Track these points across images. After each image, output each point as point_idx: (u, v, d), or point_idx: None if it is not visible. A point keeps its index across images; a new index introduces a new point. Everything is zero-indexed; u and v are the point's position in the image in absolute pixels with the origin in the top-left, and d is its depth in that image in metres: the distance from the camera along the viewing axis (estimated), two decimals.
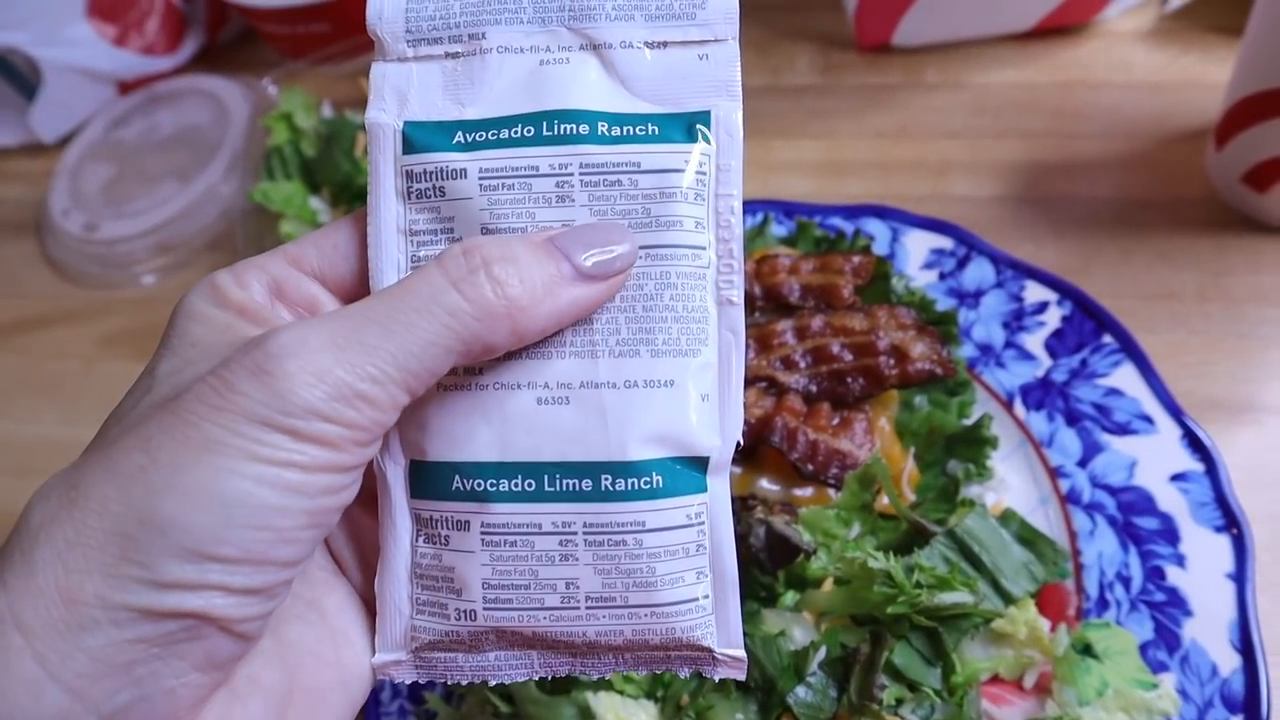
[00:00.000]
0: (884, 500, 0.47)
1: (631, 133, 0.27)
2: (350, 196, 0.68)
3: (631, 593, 0.27)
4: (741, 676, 0.28)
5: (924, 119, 0.68)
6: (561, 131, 0.27)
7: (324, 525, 0.24)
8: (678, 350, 0.27)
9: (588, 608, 0.27)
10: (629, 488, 0.26)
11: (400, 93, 0.28)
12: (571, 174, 0.27)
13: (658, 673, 0.28)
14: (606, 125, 0.27)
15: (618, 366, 0.27)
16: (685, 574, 0.27)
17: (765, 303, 0.52)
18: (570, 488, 0.27)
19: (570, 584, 0.27)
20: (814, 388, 0.49)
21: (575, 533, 0.27)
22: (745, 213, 0.61)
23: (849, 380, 0.49)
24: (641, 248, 0.27)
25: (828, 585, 0.45)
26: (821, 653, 0.42)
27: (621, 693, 0.43)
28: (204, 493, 0.22)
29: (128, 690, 0.22)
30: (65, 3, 0.78)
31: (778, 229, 0.60)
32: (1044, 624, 0.43)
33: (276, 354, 0.23)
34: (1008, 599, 0.44)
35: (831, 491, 0.47)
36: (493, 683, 0.28)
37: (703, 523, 0.27)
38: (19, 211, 0.81)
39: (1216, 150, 0.59)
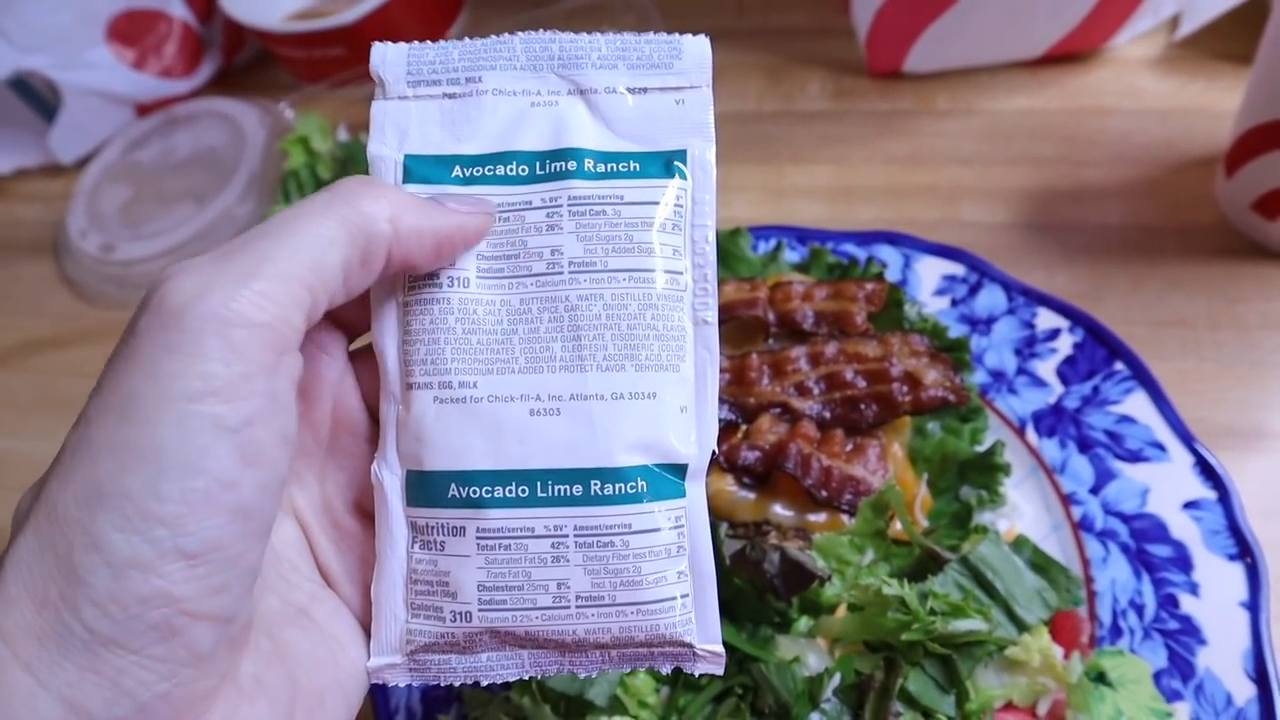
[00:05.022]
0: (897, 527, 0.47)
1: (615, 169, 0.30)
2: None
3: (619, 591, 0.28)
4: (720, 671, 0.29)
5: (935, 145, 0.69)
6: (552, 169, 0.30)
7: (262, 464, 0.24)
8: (659, 365, 0.29)
9: (578, 607, 0.28)
10: (616, 492, 0.28)
11: (400, 128, 0.30)
12: (561, 205, 0.29)
13: (643, 668, 0.30)
14: (593, 162, 0.30)
15: (605, 380, 0.29)
16: (667, 573, 0.29)
17: (779, 329, 0.52)
18: (562, 493, 0.28)
19: (561, 584, 0.28)
20: (827, 414, 0.50)
21: (567, 535, 0.28)
22: (759, 239, 0.61)
23: (862, 407, 0.49)
24: (625, 270, 0.29)
25: (842, 611, 0.45)
26: (836, 679, 0.43)
27: (635, 717, 0.43)
28: (130, 451, 0.22)
29: (123, 703, 0.22)
30: (85, 27, 0.79)
31: (791, 255, 0.60)
32: (1058, 651, 0.43)
33: (163, 282, 0.24)
34: (1021, 626, 0.44)
35: (845, 518, 0.48)
36: (484, 683, 0.29)
37: (682, 526, 0.29)
38: (37, 232, 0.81)
39: (1227, 178, 0.60)
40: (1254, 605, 0.45)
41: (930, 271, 0.59)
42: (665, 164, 0.30)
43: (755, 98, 0.75)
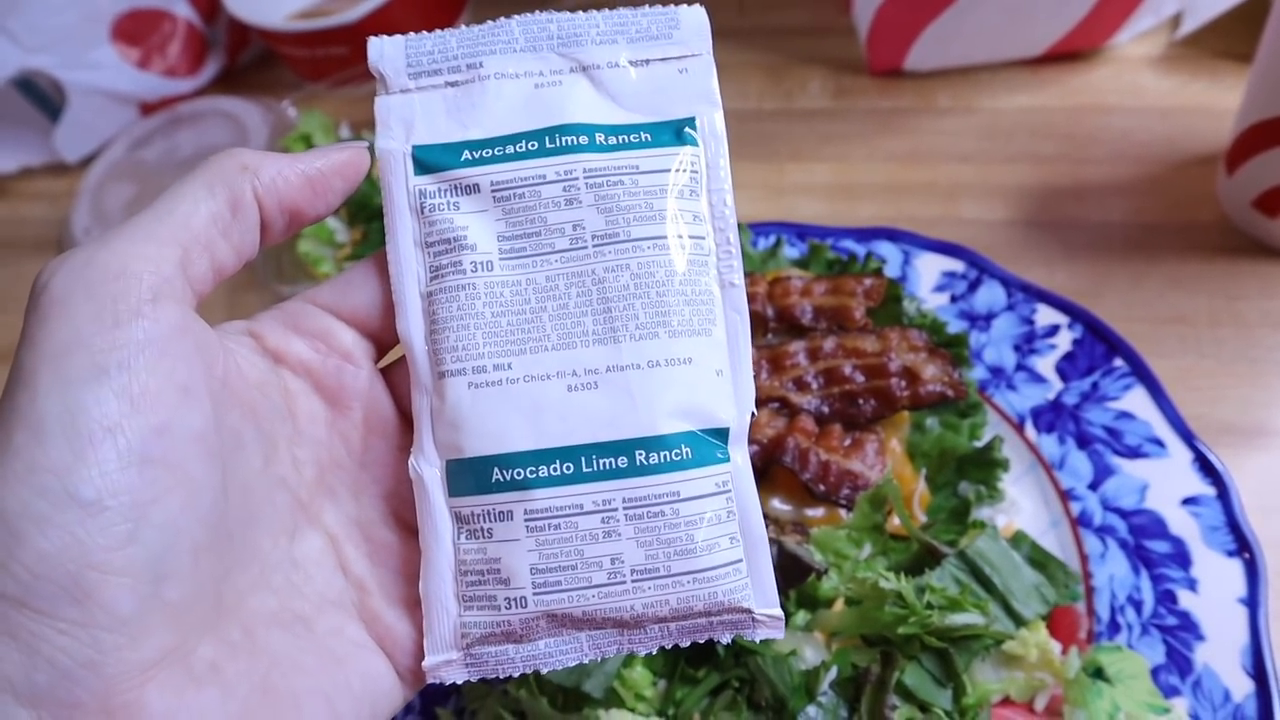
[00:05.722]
0: (895, 521, 0.47)
1: (627, 140, 0.30)
2: (367, 216, 0.69)
3: (674, 561, 0.28)
4: (780, 635, 0.29)
5: (936, 143, 0.69)
6: (563, 143, 0.29)
7: (151, 409, 0.24)
8: (691, 330, 0.29)
9: (633, 580, 0.28)
10: (661, 460, 0.28)
11: (406, 121, 0.30)
12: (577, 179, 0.29)
13: (702, 639, 0.29)
14: (604, 135, 0.30)
15: (639, 349, 0.28)
16: (720, 539, 0.28)
17: (778, 324, 0.52)
18: (607, 466, 0.28)
19: (615, 559, 0.28)
20: (826, 409, 0.50)
21: (616, 509, 0.28)
22: (758, 235, 0.61)
23: (860, 402, 0.49)
24: (648, 239, 0.29)
25: (839, 605, 0.45)
26: (832, 673, 0.42)
27: (633, 710, 0.43)
28: (16, 414, 0.23)
29: (43, 669, 0.22)
30: (90, 26, 0.79)
31: (790, 251, 0.60)
32: (1055, 646, 0.43)
33: (42, 270, 0.24)
34: (1019, 621, 0.44)
35: (843, 512, 0.48)
36: (544, 670, 0.29)
37: (729, 490, 0.29)
38: (42, 230, 0.82)
39: (1228, 175, 0.59)
40: (1252, 601, 0.45)
41: (930, 268, 0.59)
42: (676, 132, 0.30)
43: (756, 96, 0.75)
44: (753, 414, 0.30)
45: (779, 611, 0.29)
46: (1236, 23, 0.68)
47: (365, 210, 0.69)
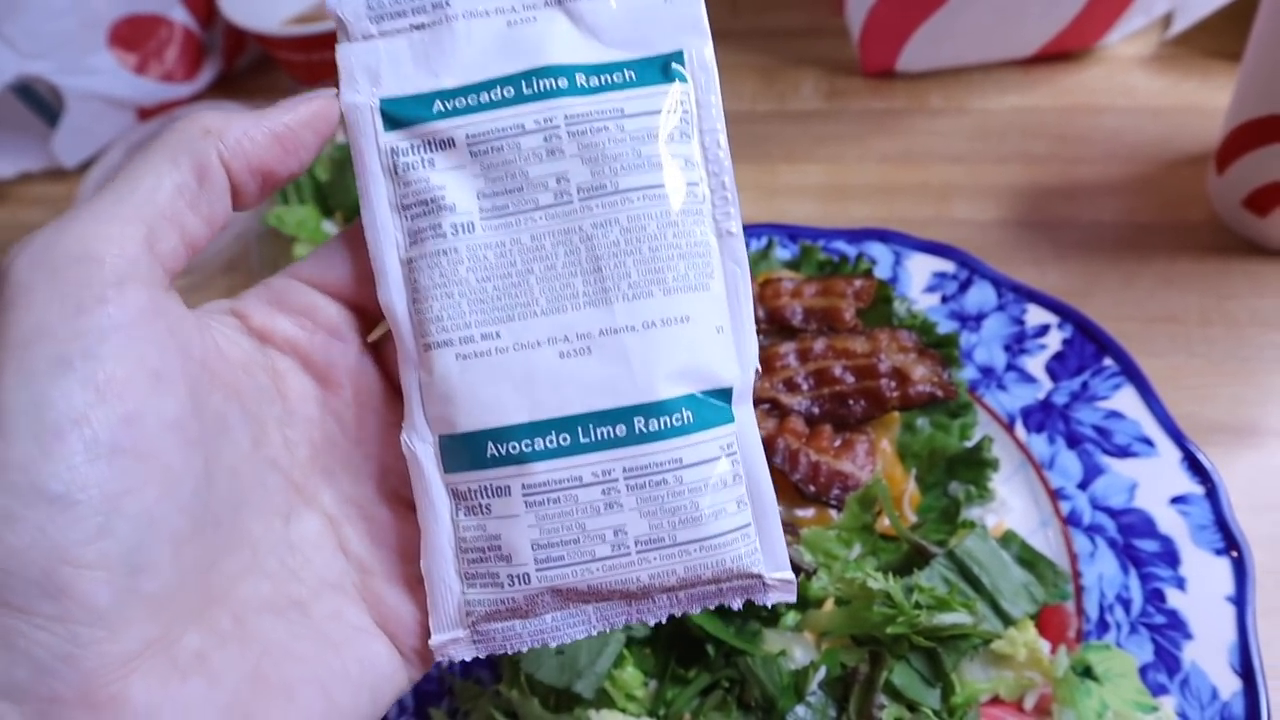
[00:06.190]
0: (885, 521, 0.47)
1: (610, 80, 0.28)
2: (358, 208, 0.69)
3: (679, 530, 0.27)
4: (792, 598, 0.28)
5: (928, 143, 0.69)
6: (541, 87, 0.27)
7: (119, 398, 0.23)
8: (688, 285, 0.27)
9: (639, 552, 0.27)
10: (662, 427, 0.27)
11: (371, 70, 0.28)
12: (558, 126, 0.27)
13: (712, 606, 0.28)
14: (584, 76, 0.28)
15: (633, 309, 0.27)
16: (726, 505, 0.27)
17: (768, 325, 0.53)
18: (605, 435, 0.27)
19: (618, 531, 0.27)
20: (816, 410, 0.50)
21: (616, 479, 0.27)
22: (749, 237, 0.62)
23: (850, 402, 0.49)
24: (637, 189, 0.27)
25: (829, 605, 0.45)
26: (821, 672, 0.43)
27: (623, 710, 0.44)
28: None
29: (22, 664, 0.21)
30: (87, 32, 0.80)
31: (782, 253, 0.60)
32: (1044, 645, 0.43)
33: (4, 256, 0.24)
34: (1007, 620, 0.44)
35: (833, 513, 0.48)
36: (553, 644, 0.28)
37: (735, 453, 0.28)
38: None
39: (1218, 175, 0.60)
40: (1240, 600, 0.45)
41: (921, 268, 0.59)
42: (662, 68, 0.28)
43: (749, 98, 0.75)
44: (757, 371, 0.29)
45: (791, 575, 0.28)
46: (1227, 22, 0.68)
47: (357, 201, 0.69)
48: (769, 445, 0.48)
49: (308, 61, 0.80)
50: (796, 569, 0.45)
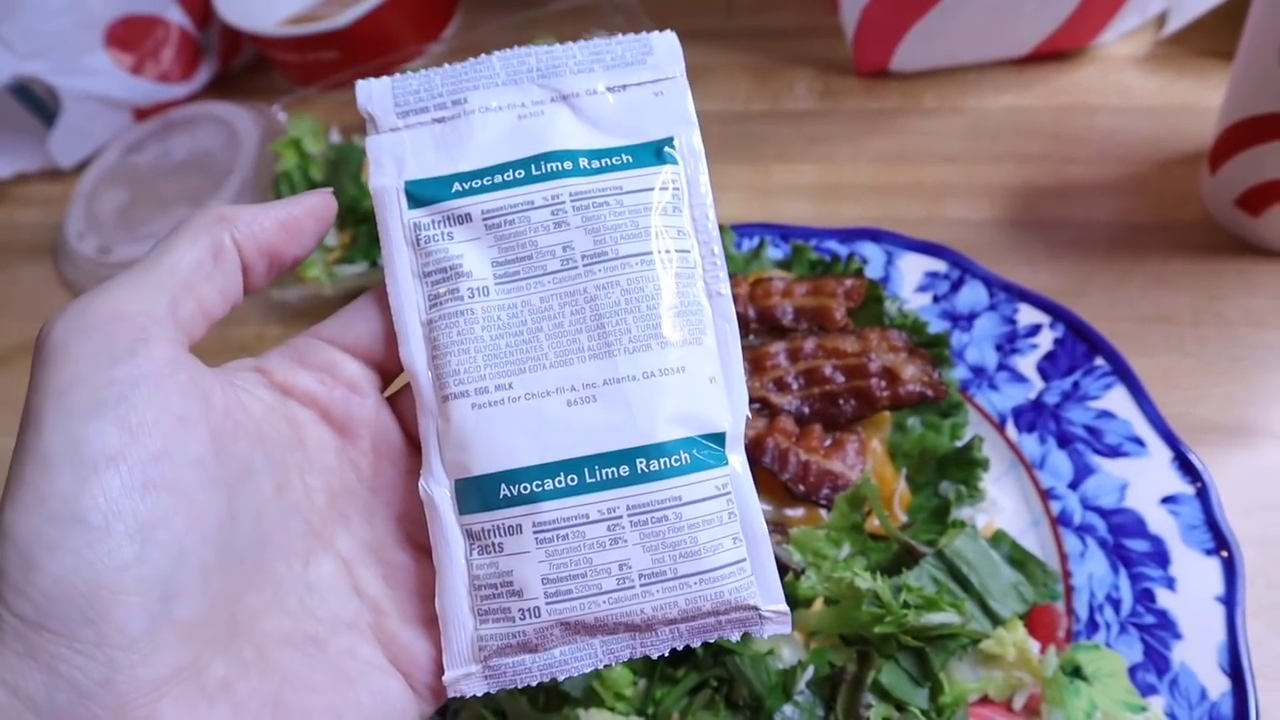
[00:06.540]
0: (875, 521, 0.47)
1: (610, 163, 0.31)
2: (356, 220, 0.69)
3: (680, 564, 0.29)
4: (787, 630, 0.30)
5: (921, 143, 0.69)
6: (549, 169, 0.31)
7: (150, 436, 0.25)
8: (683, 340, 0.30)
9: (642, 585, 0.29)
10: (662, 467, 0.29)
11: (397, 158, 0.32)
12: (564, 202, 0.30)
13: (712, 639, 0.30)
14: (587, 159, 0.31)
15: (634, 361, 0.29)
16: (723, 540, 0.29)
17: (759, 325, 0.53)
18: (610, 475, 0.29)
19: (623, 565, 0.29)
20: (806, 409, 0.50)
21: (620, 516, 0.29)
22: (742, 237, 0.62)
23: (841, 402, 0.49)
24: (636, 255, 0.30)
25: (817, 605, 0.45)
26: (809, 672, 0.43)
27: (612, 709, 0.44)
28: (26, 451, 0.24)
29: (63, 688, 0.23)
30: (84, 33, 0.80)
31: (774, 252, 0.60)
32: (1033, 645, 0.43)
33: (43, 325, 0.26)
34: (996, 620, 0.44)
35: (823, 512, 0.48)
36: (561, 678, 0.30)
37: (729, 493, 0.29)
38: (36, 235, 0.82)
39: (1211, 174, 0.60)
40: (1230, 600, 0.45)
41: (912, 268, 0.59)
42: (656, 152, 0.31)
43: (743, 98, 0.75)
44: (747, 417, 0.31)
45: (785, 607, 0.30)
46: (1222, 21, 0.67)
47: (354, 214, 0.69)
48: (758, 445, 0.48)
49: (303, 62, 0.80)
50: (785, 568, 0.45)
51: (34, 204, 0.85)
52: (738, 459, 0.30)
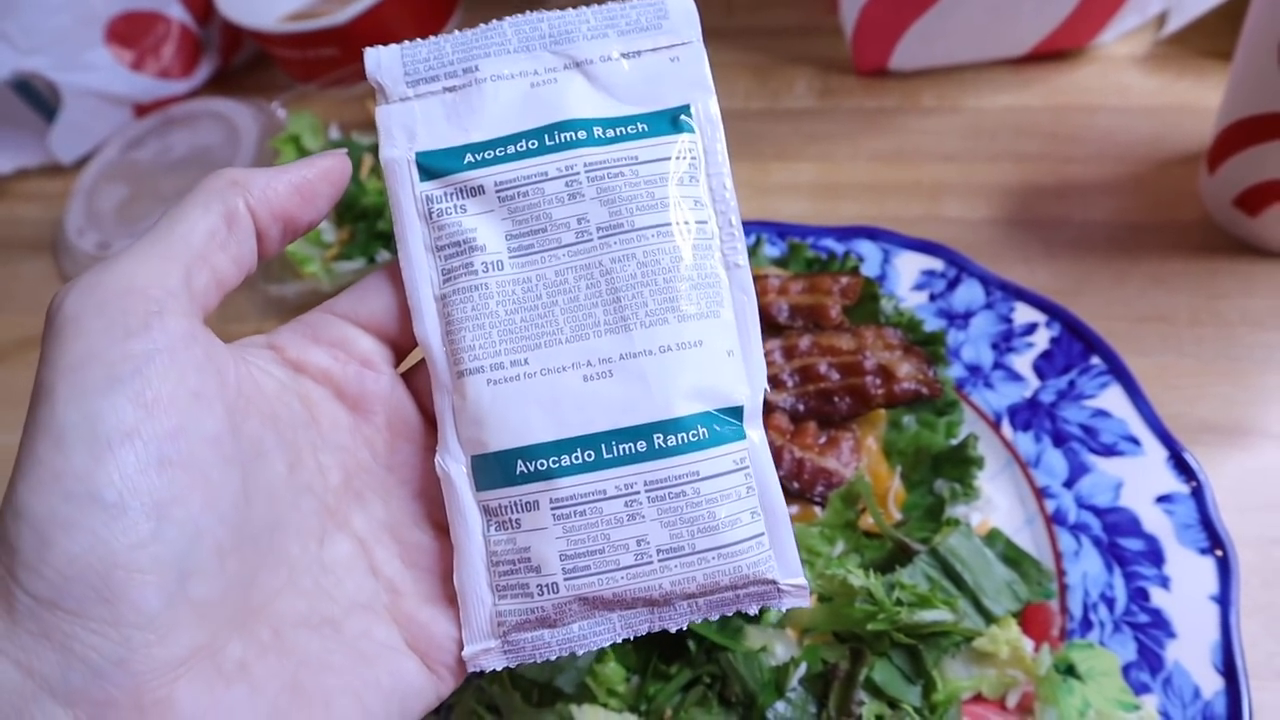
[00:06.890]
0: (869, 519, 0.47)
1: (625, 132, 0.30)
2: (354, 216, 0.69)
3: (698, 538, 0.28)
4: (805, 603, 0.29)
5: (919, 142, 0.69)
6: (562, 139, 0.30)
7: (165, 412, 0.24)
8: (700, 313, 0.29)
9: (660, 560, 0.28)
10: (680, 442, 0.28)
11: (407, 129, 0.31)
12: (578, 173, 0.30)
13: (730, 613, 0.30)
14: (601, 129, 0.30)
15: (650, 335, 0.29)
16: (741, 515, 0.29)
17: None
18: (627, 451, 0.28)
19: (641, 540, 0.28)
20: (801, 406, 0.50)
21: (638, 492, 0.28)
22: None
23: (836, 399, 0.49)
24: (652, 227, 0.30)
25: (811, 602, 0.45)
26: (802, 669, 0.43)
27: (605, 705, 0.44)
28: (39, 426, 0.24)
29: (77, 668, 0.22)
30: (84, 29, 0.80)
31: (771, 250, 0.60)
32: (1026, 644, 0.43)
33: (53, 299, 0.26)
34: (989, 618, 0.44)
35: (817, 509, 0.48)
36: (580, 653, 0.29)
37: (747, 467, 0.29)
38: (36, 231, 0.83)
39: (1209, 174, 0.59)
40: (1224, 599, 0.45)
41: (909, 266, 0.59)
42: (672, 120, 0.31)
43: (743, 96, 0.75)
44: (766, 390, 0.30)
45: (803, 580, 0.29)
46: (1222, 21, 0.67)
47: (352, 210, 0.69)
48: None
49: (303, 58, 0.80)
50: None
51: (34, 199, 0.85)
52: (756, 432, 0.30)
